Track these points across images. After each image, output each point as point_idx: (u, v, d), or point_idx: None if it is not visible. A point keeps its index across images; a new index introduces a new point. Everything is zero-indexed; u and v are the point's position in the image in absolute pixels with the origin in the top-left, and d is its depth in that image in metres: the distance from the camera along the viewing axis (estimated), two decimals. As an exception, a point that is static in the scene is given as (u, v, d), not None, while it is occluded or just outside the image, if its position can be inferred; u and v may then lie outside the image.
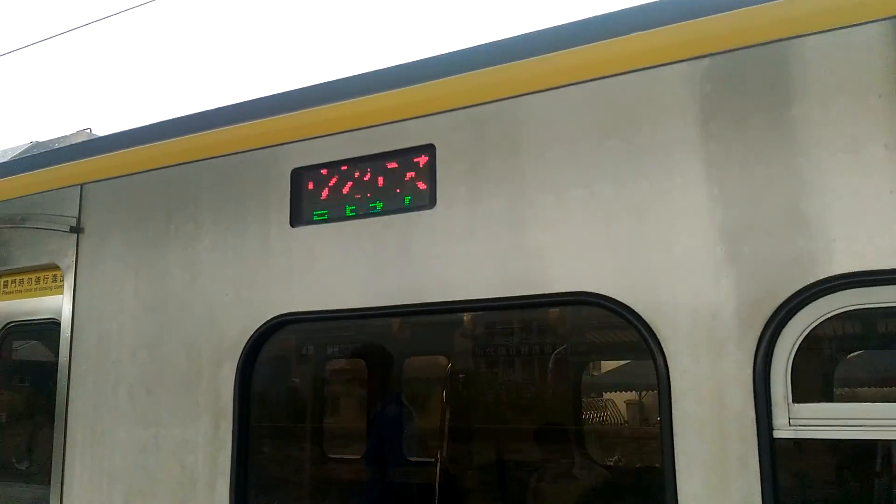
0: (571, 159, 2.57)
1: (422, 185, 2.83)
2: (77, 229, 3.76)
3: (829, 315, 2.16)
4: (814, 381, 2.36)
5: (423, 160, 2.84)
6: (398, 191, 2.88)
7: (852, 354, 2.53)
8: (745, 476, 2.16)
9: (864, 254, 2.11)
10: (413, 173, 2.86)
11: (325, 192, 3.05)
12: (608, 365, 2.86)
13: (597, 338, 3.05)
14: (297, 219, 3.10)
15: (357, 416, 3.63)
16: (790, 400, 2.16)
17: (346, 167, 3.02)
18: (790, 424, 2.15)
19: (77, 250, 3.75)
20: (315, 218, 3.06)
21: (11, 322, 4.18)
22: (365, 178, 2.97)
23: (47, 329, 3.90)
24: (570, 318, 3.03)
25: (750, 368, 2.19)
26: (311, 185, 3.10)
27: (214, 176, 3.38)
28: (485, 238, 2.68)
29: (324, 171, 3.07)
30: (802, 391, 2.18)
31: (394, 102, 2.97)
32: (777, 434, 2.16)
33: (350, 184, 3.00)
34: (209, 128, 3.46)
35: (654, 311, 2.36)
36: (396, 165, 2.90)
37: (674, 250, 2.36)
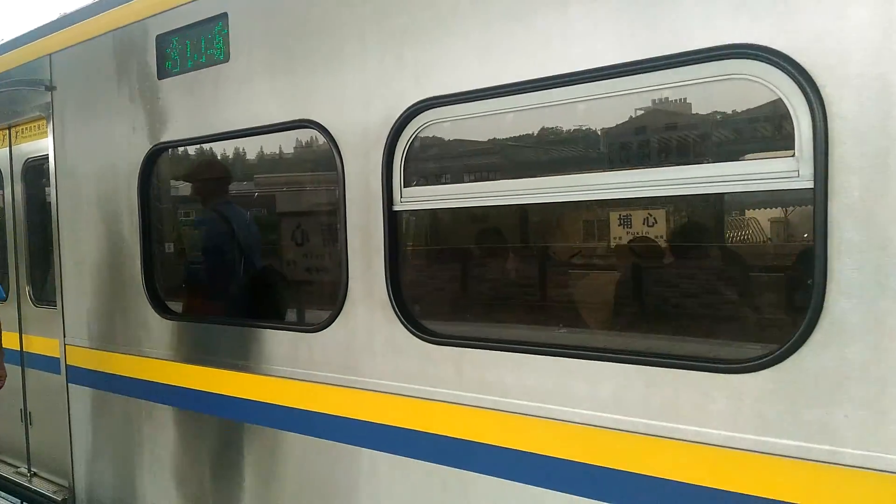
0: (304, 20, 3.57)
1: (220, 44, 3.94)
2: (51, 87, 5.18)
3: (424, 126, 3.16)
4: (416, 172, 3.38)
5: (220, 25, 3.93)
6: (208, 48, 4.00)
7: (439, 153, 3.51)
8: (377, 235, 3.30)
9: (442, 82, 3.07)
10: (215, 35, 3.96)
11: (172, 52, 4.22)
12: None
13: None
14: (161, 73, 4.32)
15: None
16: (402, 185, 3.23)
17: (181, 34, 4.16)
18: (402, 200, 3.24)
19: (52, 103, 5.19)
20: (169, 72, 4.26)
21: (28, 158, 5.79)
22: (193, 41, 4.10)
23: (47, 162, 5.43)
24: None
25: (381, 164, 3.26)
26: (166, 48, 4.27)
27: (118, 43, 4.61)
28: (257, 82, 3.80)
29: (172, 37, 4.23)
30: (409, 178, 3.24)
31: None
32: (395, 208, 3.25)
33: (185, 44, 4.14)
34: (110, 7, 4.66)
35: (337, 128, 3.43)
36: (207, 30, 4.01)
37: (347, 90, 3.39)
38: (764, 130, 2.46)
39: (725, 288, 2.84)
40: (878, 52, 2.03)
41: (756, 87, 2.29)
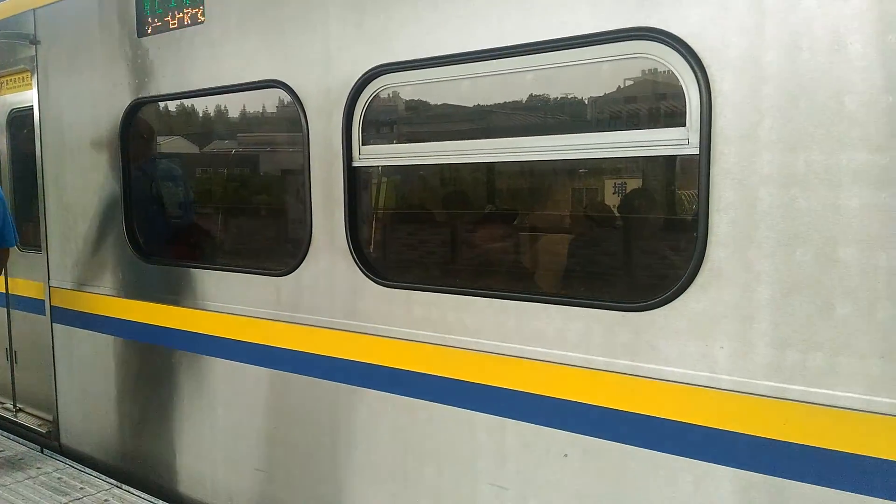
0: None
1: (196, 6, 4.21)
2: (35, 42, 5.41)
3: (379, 89, 3.49)
4: (373, 132, 3.72)
5: (195, -9, 4.21)
6: (185, 9, 4.27)
7: (394, 116, 3.84)
8: (337, 189, 3.64)
9: (393, 51, 3.39)
10: (192, 0, 4.23)
11: (151, 12, 4.49)
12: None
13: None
14: (141, 31, 4.58)
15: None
16: (360, 143, 3.57)
17: (162, -5, 4.43)
18: (360, 157, 3.58)
19: (36, 57, 5.43)
20: (149, 31, 4.53)
21: (13, 108, 6.04)
22: (172, 3, 4.37)
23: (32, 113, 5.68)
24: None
25: (341, 124, 3.59)
26: (147, 7, 4.53)
27: (98, 1, 4.86)
28: (229, 43, 4.09)
29: (152, -2, 4.50)
30: (367, 137, 3.57)
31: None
32: (354, 164, 3.59)
33: (163, 5, 4.41)
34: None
35: (303, 89, 3.75)
36: (185, -6, 4.28)
37: (312, 53, 3.69)
38: (666, 103, 2.82)
39: (629, 242, 3.23)
40: (751, 38, 2.39)
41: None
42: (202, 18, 4.19)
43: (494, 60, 3.04)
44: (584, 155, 2.94)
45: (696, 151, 2.53)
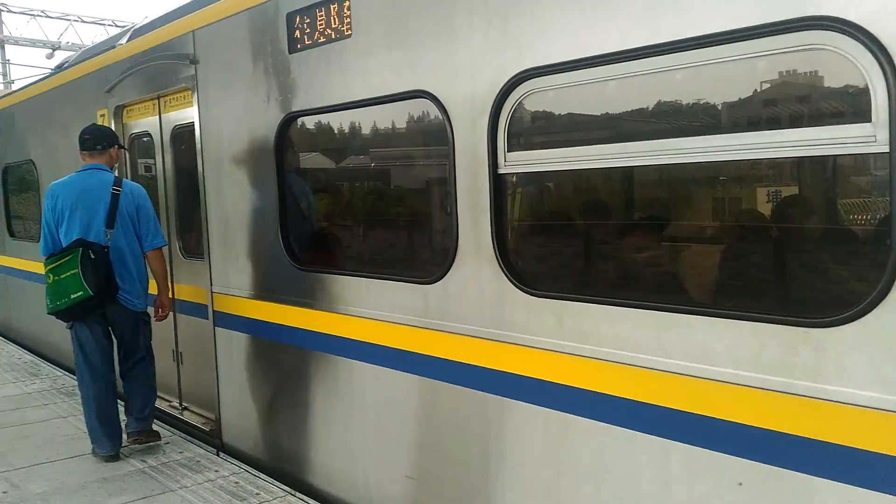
0: (423, 4, 3.85)
1: (343, 21, 4.28)
2: (194, 61, 5.74)
3: (525, 94, 3.38)
4: (519, 138, 3.59)
5: (343, 7, 4.27)
6: (333, 24, 4.36)
7: (539, 121, 3.67)
8: (483, 197, 3.57)
9: (539, 55, 3.27)
10: (339, 16, 4.30)
11: (301, 29, 4.62)
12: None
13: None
14: (292, 47, 4.73)
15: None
16: (506, 150, 3.48)
17: (309, 11, 4.54)
18: (506, 164, 3.50)
19: (196, 76, 5.75)
20: (300, 47, 4.66)
21: (176, 125, 6.44)
22: (320, 19, 4.47)
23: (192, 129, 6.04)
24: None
25: (486, 131, 3.52)
26: (297, 24, 4.67)
27: (253, 20, 5.07)
28: (375, 56, 4.13)
29: (301, 14, 4.62)
30: (513, 143, 3.48)
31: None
32: (500, 171, 3.51)
33: (313, 21, 4.52)
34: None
35: (448, 98, 3.71)
36: (332, 7, 4.36)
37: (457, 62, 3.65)
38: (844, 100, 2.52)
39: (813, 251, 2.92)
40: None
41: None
42: (349, 32, 4.26)
43: (647, 59, 2.86)
44: (757, 155, 2.68)
45: (886, 149, 2.25)
